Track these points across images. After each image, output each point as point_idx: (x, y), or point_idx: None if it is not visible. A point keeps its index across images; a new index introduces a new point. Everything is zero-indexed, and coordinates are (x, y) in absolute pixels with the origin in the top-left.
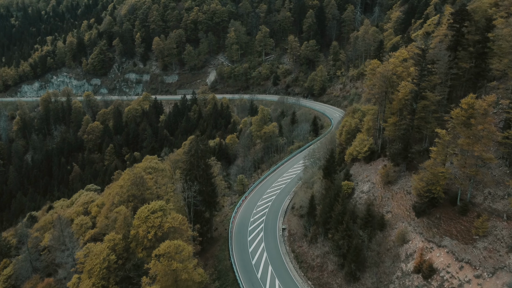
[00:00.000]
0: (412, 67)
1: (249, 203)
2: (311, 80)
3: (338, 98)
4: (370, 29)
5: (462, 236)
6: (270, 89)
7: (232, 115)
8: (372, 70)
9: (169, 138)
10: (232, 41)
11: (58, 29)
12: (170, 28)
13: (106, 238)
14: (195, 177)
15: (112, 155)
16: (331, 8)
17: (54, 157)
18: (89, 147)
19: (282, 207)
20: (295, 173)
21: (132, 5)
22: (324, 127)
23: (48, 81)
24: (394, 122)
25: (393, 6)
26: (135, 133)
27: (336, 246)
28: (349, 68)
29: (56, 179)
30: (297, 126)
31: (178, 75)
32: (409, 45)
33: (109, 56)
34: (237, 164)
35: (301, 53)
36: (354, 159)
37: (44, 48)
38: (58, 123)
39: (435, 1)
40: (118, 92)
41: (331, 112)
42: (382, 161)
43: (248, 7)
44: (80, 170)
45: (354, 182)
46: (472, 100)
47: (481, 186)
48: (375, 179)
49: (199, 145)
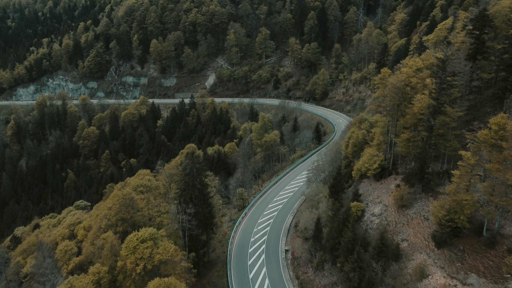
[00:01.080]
0: (428, 78)
1: (250, 220)
2: (313, 83)
3: (340, 102)
4: (373, 32)
5: (491, 273)
6: (270, 92)
7: (231, 120)
8: (382, 80)
9: (167, 144)
10: (231, 43)
11: (55, 31)
12: (168, 30)
13: (91, 271)
14: (191, 197)
15: (108, 162)
16: (333, 10)
17: (49, 163)
18: (84, 153)
19: (284, 225)
20: (298, 185)
21: (130, 6)
22: (327, 134)
23: (44, 84)
24: (408, 138)
25: (397, 8)
26: (132, 138)
27: (346, 278)
28: (352, 72)
29: (51, 187)
30: (299, 134)
31: (176, 78)
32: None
33: (106, 59)
34: (237, 177)
35: (302, 56)
36: (362, 175)
37: (40, 51)
38: (53, 128)
39: (441, 3)
40: (115, 95)
41: (334, 118)
42: (394, 179)
43: (248, 9)
44: (75, 177)
45: (364, 203)
46: (503, 120)
47: (510, 214)
48: (387, 200)
49: (195, 164)
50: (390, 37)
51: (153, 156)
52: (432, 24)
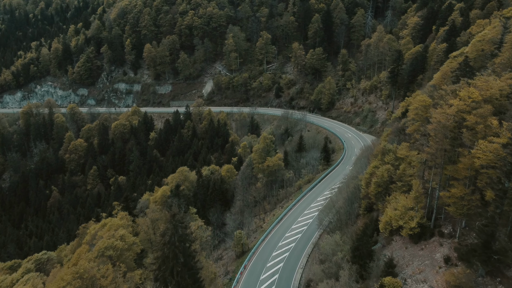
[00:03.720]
0: (494, 119)
1: (250, 276)
2: (318, 92)
3: (349, 114)
4: (385, 37)
5: None
6: (272, 101)
7: (230, 133)
8: (420, 111)
9: (159, 160)
10: (230, 48)
11: (45, 33)
12: (163, 33)
13: None
14: (171, 273)
15: (95, 178)
16: (339, 12)
17: (32, 179)
18: (70, 168)
19: (293, 283)
20: (307, 222)
21: (122, 8)
22: (335, 152)
23: (32, 91)
24: (462, 196)
25: (408, 10)
26: (122, 153)
27: None
28: (360, 80)
29: (33, 206)
30: (306, 154)
31: (171, 85)
32: (476, 78)
33: (97, 64)
34: (235, 211)
35: (306, 62)
36: (393, 231)
37: (28, 55)
38: (38, 139)
39: (459, 6)
40: (106, 103)
41: (342, 132)
42: (438, 243)
43: (248, 11)
44: (60, 195)
45: (400, 279)
46: None
47: None
48: (434, 280)
49: (177, 229)
50: (403, 43)
51: (144, 174)
52: (452, 29)
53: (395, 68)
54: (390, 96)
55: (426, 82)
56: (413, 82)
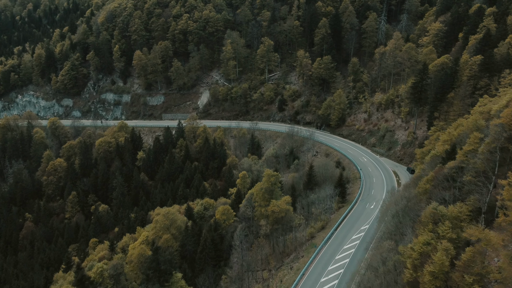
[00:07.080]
0: None
1: None
2: (327, 107)
3: (362, 132)
4: (403, 46)
5: None
6: (275, 115)
7: (227, 154)
8: None
9: (147, 184)
10: (228, 55)
11: (32, 37)
12: (155, 39)
13: None
14: None
15: (75, 206)
16: (348, 16)
17: (3, 206)
18: (48, 192)
19: None
20: None
21: (111, 11)
22: (350, 181)
23: (13, 101)
24: None
25: (426, 14)
26: (106, 176)
27: None
28: (374, 92)
29: (3, 237)
30: (317, 189)
31: (164, 96)
32: None
33: (83, 72)
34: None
35: (313, 71)
36: None
37: (8, 62)
38: (15, 157)
39: (491, 11)
40: (93, 115)
41: (356, 154)
42: None
43: (248, 15)
44: (34, 226)
45: None
46: None
47: None
48: None
49: None
50: (425, 52)
51: (129, 202)
52: (487, 38)
53: (419, 82)
54: (411, 113)
55: (458, 102)
56: (442, 100)
